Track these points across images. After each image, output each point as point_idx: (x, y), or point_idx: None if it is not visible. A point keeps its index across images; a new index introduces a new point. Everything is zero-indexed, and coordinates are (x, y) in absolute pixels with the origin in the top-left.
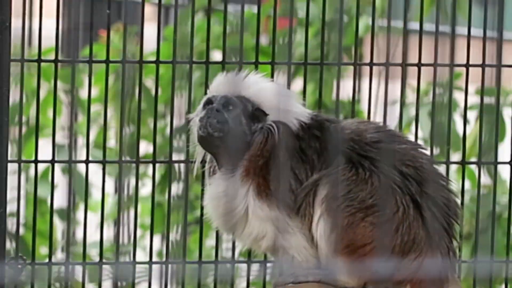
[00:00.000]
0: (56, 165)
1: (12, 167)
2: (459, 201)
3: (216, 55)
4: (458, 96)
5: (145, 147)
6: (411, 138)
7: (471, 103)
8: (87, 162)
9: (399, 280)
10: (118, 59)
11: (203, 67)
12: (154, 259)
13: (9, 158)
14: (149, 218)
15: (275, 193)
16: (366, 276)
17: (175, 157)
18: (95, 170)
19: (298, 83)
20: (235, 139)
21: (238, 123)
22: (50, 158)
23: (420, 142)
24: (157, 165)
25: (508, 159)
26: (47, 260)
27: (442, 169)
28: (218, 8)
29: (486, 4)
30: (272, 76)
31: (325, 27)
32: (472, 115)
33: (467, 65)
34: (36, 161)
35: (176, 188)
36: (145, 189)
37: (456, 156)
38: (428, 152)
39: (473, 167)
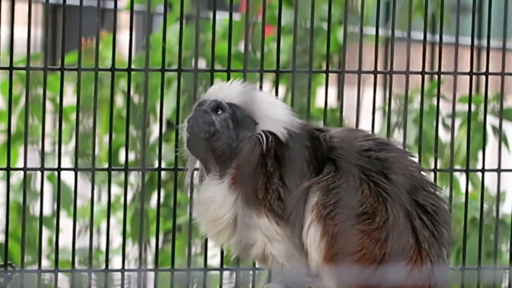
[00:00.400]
0: (39, 172)
1: None
2: (448, 207)
3: (199, 63)
4: (440, 103)
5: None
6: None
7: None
8: (75, 170)
9: (389, 287)
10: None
11: (186, 74)
12: (132, 266)
13: None
14: (132, 226)
15: (263, 201)
16: (356, 283)
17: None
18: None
19: (279, 91)
20: (221, 142)
21: (225, 127)
22: (34, 165)
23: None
24: (139, 173)
25: (493, 167)
26: (32, 268)
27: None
28: (202, 16)
29: (474, 13)
30: (260, 84)
31: (313, 34)
32: (455, 123)
33: (454, 73)
34: (25, 169)
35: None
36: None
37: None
38: (416, 160)
39: (456, 174)
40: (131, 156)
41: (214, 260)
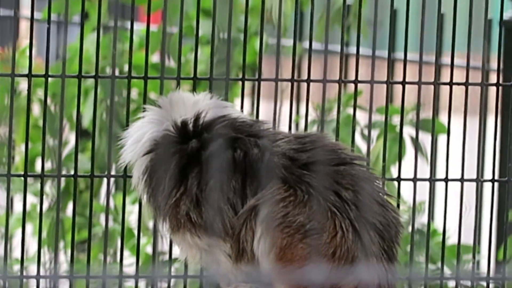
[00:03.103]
0: None
1: None
2: (401, 219)
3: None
4: (359, 114)
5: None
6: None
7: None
8: None
9: None
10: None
11: (105, 84)
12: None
13: None
14: (48, 235)
15: (177, 227)
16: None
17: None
18: None
19: None
20: None
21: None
22: None
23: None
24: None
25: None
26: None
27: None
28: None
29: (376, 24)
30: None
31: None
32: (373, 133)
33: (355, 82)
34: None
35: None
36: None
37: None
38: (367, 169)
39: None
40: (47, 165)
41: (130, 268)
